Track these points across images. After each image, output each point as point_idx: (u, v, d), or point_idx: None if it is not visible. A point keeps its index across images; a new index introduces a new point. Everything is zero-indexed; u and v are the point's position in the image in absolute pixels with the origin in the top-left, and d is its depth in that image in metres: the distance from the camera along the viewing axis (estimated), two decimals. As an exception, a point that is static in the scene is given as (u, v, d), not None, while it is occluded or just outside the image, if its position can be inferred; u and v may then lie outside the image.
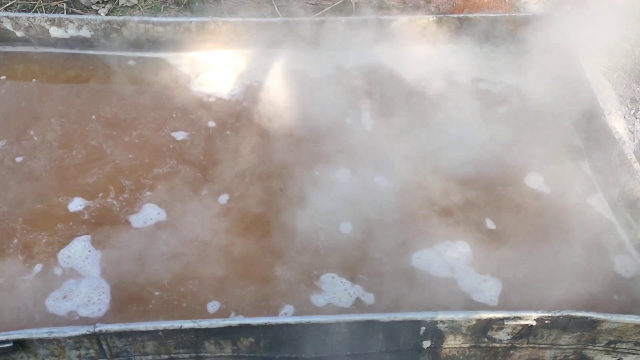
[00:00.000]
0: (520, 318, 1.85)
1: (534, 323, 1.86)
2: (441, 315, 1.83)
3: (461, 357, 2.03)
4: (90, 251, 2.16)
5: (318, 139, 2.63)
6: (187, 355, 1.89)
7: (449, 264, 2.24)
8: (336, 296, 2.10)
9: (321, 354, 1.92)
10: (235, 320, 1.77)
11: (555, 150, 2.70)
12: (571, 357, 2.06)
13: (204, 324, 1.75)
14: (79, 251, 2.16)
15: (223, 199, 2.38)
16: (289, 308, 2.07)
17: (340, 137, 2.65)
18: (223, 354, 1.90)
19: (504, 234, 2.33)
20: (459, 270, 2.22)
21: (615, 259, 2.27)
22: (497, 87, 3.01)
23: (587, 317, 1.86)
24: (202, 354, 1.89)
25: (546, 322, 1.87)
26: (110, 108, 2.68)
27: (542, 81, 2.98)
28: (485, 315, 1.84)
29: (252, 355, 1.90)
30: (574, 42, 2.97)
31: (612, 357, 2.06)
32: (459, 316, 1.84)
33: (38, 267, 2.10)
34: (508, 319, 1.85)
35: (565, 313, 1.85)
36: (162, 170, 2.45)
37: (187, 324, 1.75)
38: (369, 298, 2.11)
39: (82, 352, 1.81)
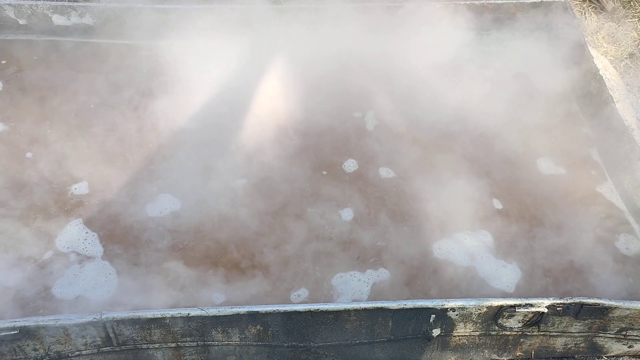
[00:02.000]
0: (531, 305, 1.82)
1: (546, 310, 1.83)
2: (452, 303, 1.80)
3: (471, 346, 2.00)
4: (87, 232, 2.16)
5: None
6: (194, 344, 1.87)
7: (468, 251, 2.22)
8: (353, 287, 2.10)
9: (330, 343, 1.89)
10: (243, 308, 1.74)
11: (565, 136, 2.68)
12: (582, 345, 2.03)
13: (212, 311, 1.73)
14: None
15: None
16: (303, 292, 2.06)
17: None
18: (230, 342, 1.87)
19: (514, 216, 2.31)
20: (478, 257, 2.21)
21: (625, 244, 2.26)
22: (504, 74, 2.98)
23: (599, 304, 1.84)
24: (209, 342, 1.86)
25: (558, 309, 1.84)
26: (112, 94, 2.66)
27: (550, 68, 2.96)
28: (496, 302, 1.82)
29: (260, 343, 1.88)
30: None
31: (623, 344, 2.04)
32: (470, 303, 1.81)
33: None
34: (519, 306, 1.82)
35: (577, 300, 1.83)
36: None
37: (195, 312, 1.73)
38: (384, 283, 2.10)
39: (89, 340, 1.78)
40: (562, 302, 1.83)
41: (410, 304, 1.79)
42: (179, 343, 1.86)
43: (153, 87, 2.70)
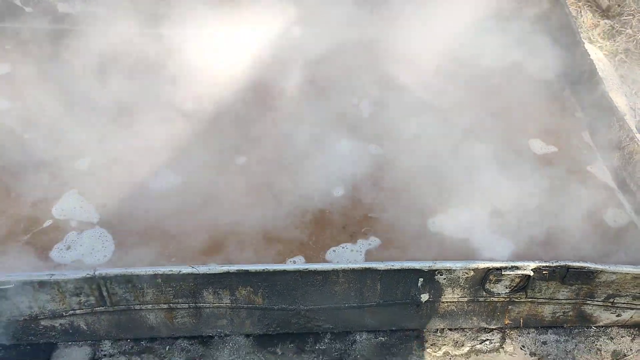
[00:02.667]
0: (518, 268, 1.85)
1: (532, 273, 1.86)
2: (439, 264, 1.83)
3: (459, 313, 2.03)
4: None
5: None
6: (185, 305, 1.90)
7: (463, 225, 2.25)
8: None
9: (320, 306, 1.92)
10: (233, 267, 1.78)
11: (557, 119, 2.73)
12: (570, 313, 2.05)
13: (203, 269, 1.77)
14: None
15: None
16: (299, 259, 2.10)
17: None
18: (222, 305, 1.91)
19: (506, 193, 2.35)
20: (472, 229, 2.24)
21: (613, 217, 2.28)
22: (501, 62, 3.03)
23: (584, 268, 1.86)
24: (201, 304, 1.90)
25: (544, 272, 1.87)
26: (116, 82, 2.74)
27: (544, 57, 3.01)
28: (483, 264, 1.85)
29: (250, 306, 1.91)
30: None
31: (611, 312, 2.05)
32: (457, 265, 1.84)
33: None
34: (506, 268, 1.85)
35: (562, 263, 1.85)
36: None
37: (186, 270, 1.77)
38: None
39: (82, 298, 1.82)
40: (547, 264, 1.85)
41: (397, 265, 1.82)
42: (171, 304, 1.89)
43: (159, 69, 2.78)
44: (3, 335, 1.86)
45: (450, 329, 2.08)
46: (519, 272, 1.85)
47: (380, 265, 1.82)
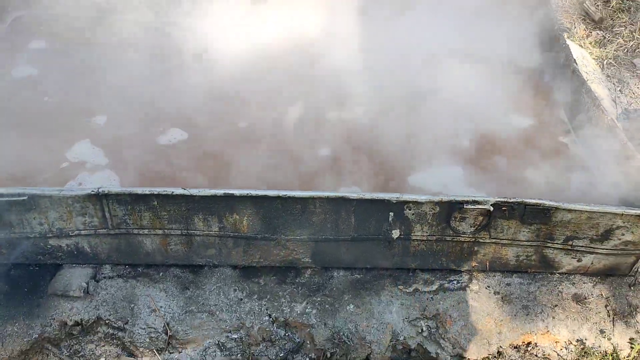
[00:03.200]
0: (478, 202, 2.03)
1: (492, 208, 2.03)
2: (406, 196, 2.02)
3: (429, 252, 2.20)
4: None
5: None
6: (178, 232, 2.11)
7: (442, 181, 2.45)
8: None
9: (299, 237, 2.12)
10: (220, 190, 1.99)
11: (536, 99, 2.93)
12: (533, 257, 2.21)
13: (194, 191, 1.99)
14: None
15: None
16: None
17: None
18: (211, 232, 2.11)
19: (486, 158, 2.54)
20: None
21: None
22: (488, 52, 3.25)
23: (540, 204, 2.03)
24: (192, 231, 2.11)
25: (503, 209, 2.04)
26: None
27: (528, 47, 3.23)
28: (447, 198, 2.03)
29: (236, 234, 2.12)
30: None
31: (572, 257, 2.20)
32: (422, 198, 2.03)
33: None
34: (467, 202, 2.03)
35: (519, 199, 2.03)
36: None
37: (178, 191, 1.99)
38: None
39: (87, 219, 2.05)
40: (505, 200, 2.03)
41: (369, 195, 2.02)
42: (166, 230, 2.11)
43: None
44: (15, 252, 2.09)
45: (421, 270, 2.25)
46: (480, 206, 2.03)
47: (354, 195, 2.02)
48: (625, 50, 4.15)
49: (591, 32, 4.32)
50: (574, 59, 2.86)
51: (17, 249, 2.09)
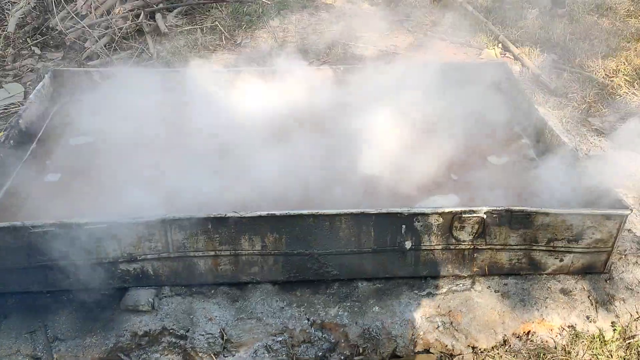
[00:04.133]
0: (474, 211, 2.50)
1: (485, 216, 2.50)
2: (414, 209, 2.50)
3: (437, 261, 2.63)
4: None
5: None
6: (227, 253, 2.53)
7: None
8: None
9: (329, 250, 2.54)
10: (264, 212, 2.44)
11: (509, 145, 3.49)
12: (523, 260, 2.65)
13: (242, 213, 2.43)
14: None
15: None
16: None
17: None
18: (254, 252, 2.53)
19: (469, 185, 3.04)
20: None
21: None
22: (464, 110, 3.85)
23: (523, 211, 2.51)
24: (239, 251, 2.52)
25: (494, 215, 2.51)
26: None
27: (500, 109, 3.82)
28: (448, 209, 2.50)
29: (276, 251, 2.53)
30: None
31: (555, 258, 2.65)
32: (427, 210, 2.50)
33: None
34: (465, 212, 2.50)
35: (506, 207, 2.51)
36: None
37: (230, 214, 2.43)
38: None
39: (153, 244, 2.46)
40: (494, 209, 2.51)
41: (384, 209, 2.49)
42: (217, 252, 2.52)
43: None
44: (90, 277, 2.46)
45: (431, 277, 2.66)
46: (475, 215, 2.50)
47: (372, 210, 2.48)
48: (579, 111, 4.83)
49: (549, 99, 5.03)
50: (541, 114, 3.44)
51: (91, 273, 2.46)
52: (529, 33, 5.60)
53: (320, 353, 2.43)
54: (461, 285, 2.63)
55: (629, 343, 2.46)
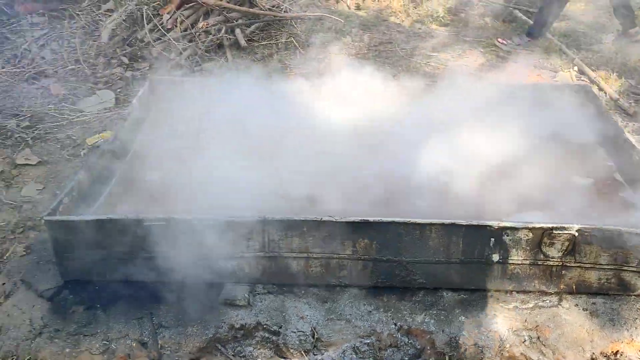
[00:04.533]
0: (565, 228, 2.52)
1: (576, 234, 2.52)
2: (504, 223, 2.54)
3: (524, 275, 2.65)
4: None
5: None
6: (319, 255, 2.63)
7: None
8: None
9: (417, 259, 2.61)
10: (357, 218, 2.54)
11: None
12: (613, 280, 2.64)
13: (337, 218, 2.54)
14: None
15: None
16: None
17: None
18: (344, 256, 2.62)
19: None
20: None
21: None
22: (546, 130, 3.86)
23: (614, 230, 2.51)
24: (329, 255, 2.62)
25: (585, 233, 2.52)
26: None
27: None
28: (538, 224, 2.53)
29: (366, 257, 2.62)
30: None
31: (645, 280, 2.63)
32: (518, 224, 2.54)
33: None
34: (556, 228, 2.52)
35: (598, 225, 2.52)
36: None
37: (326, 218, 2.54)
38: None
39: (251, 243, 2.59)
40: (586, 226, 2.52)
41: (475, 222, 2.54)
42: (309, 254, 2.63)
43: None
44: (191, 270, 2.61)
45: (517, 291, 2.68)
46: (566, 232, 2.52)
47: (463, 222, 2.54)
48: (663, 136, 4.74)
49: (627, 124, 4.95)
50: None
51: (194, 267, 2.61)
52: (605, 57, 5.56)
53: (407, 358, 2.49)
54: (548, 301, 2.64)
55: None
